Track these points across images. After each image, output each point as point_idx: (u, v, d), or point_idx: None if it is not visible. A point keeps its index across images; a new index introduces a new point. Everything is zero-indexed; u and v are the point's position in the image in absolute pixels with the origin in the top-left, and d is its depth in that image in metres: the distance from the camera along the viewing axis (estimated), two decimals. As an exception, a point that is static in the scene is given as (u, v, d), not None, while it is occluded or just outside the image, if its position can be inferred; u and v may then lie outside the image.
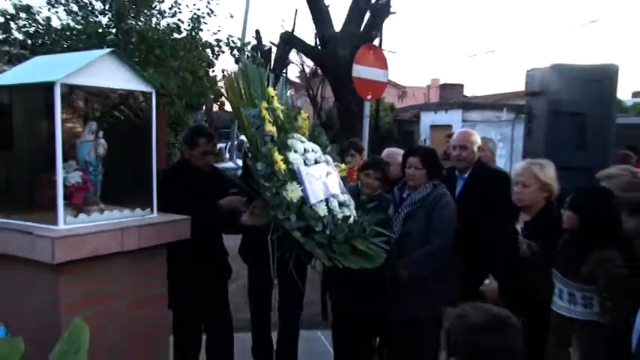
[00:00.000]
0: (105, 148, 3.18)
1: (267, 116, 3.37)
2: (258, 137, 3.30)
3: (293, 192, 3.18)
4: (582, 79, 4.14)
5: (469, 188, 4.35)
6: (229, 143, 23.18)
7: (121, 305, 3.12)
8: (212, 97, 10.20)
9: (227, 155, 22.52)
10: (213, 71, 9.60)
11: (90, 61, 3.02)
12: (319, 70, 20.32)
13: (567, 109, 4.11)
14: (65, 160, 2.97)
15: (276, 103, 3.57)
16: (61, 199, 2.89)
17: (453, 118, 23.48)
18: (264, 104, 3.41)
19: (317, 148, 3.67)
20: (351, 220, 3.47)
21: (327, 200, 3.40)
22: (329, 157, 3.78)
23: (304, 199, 3.23)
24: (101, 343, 2.80)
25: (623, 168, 3.75)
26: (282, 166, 3.21)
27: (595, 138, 4.17)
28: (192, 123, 11.79)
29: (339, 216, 3.39)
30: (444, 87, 35.02)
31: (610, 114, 4.32)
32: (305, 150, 3.50)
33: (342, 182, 3.74)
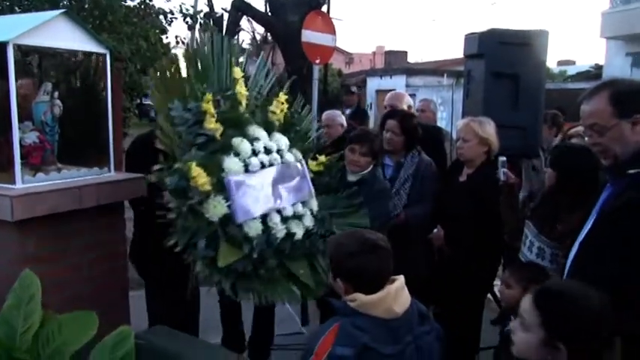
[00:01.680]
0: (60, 108, 3.09)
1: (211, 110, 2.79)
2: (182, 140, 2.72)
3: (216, 208, 2.61)
4: (516, 43, 4.21)
5: None
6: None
7: (82, 261, 3.06)
8: (166, 63, 9.93)
9: (182, 119, 22.01)
10: (166, 38, 9.37)
11: (43, 22, 2.89)
12: (269, 37, 20.04)
13: (503, 70, 4.18)
14: (21, 120, 2.87)
15: (240, 89, 3.04)
16: (18, 158, 2.79)
17: (397, 83, 23.63)
18: (209, 96, 2.81)
19: (282, 142, 3.14)
20: (299, 235, 2.95)
21: (266, 215, 2.84)
22: (297, 154, 3.24)
23: (232, 216, 2.68)
24: (62, 298, 2.75)
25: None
26: (202, 181, 2.58)
27: (528, 99, 4.26)
28: (148, 89, 11.48)
29: (280, 234, 2.85)
30: (389, 53, 35.14)
31: (541, 76, 4.42)
32: (254, 151, 2.92)
33: (309, 183, 3.23)
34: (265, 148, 3.01)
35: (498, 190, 3.52)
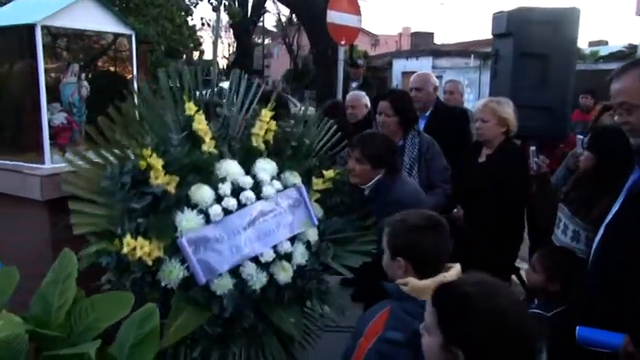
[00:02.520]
0: (87, 89, 3.13)
1: (155, 162, 2.28)
2: (118, 211, 2.31)
3: (172, 273, 2.25)
4: (546, 21, 4.11)
5: (431, 125, 4.36)
6: (209, 90, 22.78)
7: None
8: (191, 45, 10.02)
9: (207, 102, 22.14)
10: (192, 19, 9.40)
11: (70, 4, 2.92)
12: (295, 18, 19.95)
13: (532, 50, 4.10)
14: (50, 102, 2.92)
15: (199, 125, 2.48)
16: (47, 139, 2.85)
17: (423, 65, 23.35)
18: (147, 151, 2.29)
19: (265, 172, 2.65)
20: (285, 279, 2.54)
21: (238, 266, 2.44)
22: (291, 178, 2.76)
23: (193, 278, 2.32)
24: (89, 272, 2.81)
25: None
26: (146, 250, 2.19)
27: (557, 79, 4.17)
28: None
29: (258, 285, 2.44)
30: (415, 35, 34.74)
31: (572, 55, 4.32)
32: (219, 196, 2.44)
33: (309, 210, 2.76)
34: (236, 186, 2.51)
35: (518, 170, 3.48)
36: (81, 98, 3.11)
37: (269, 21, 37.60)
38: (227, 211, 2.41)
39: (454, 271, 1.98)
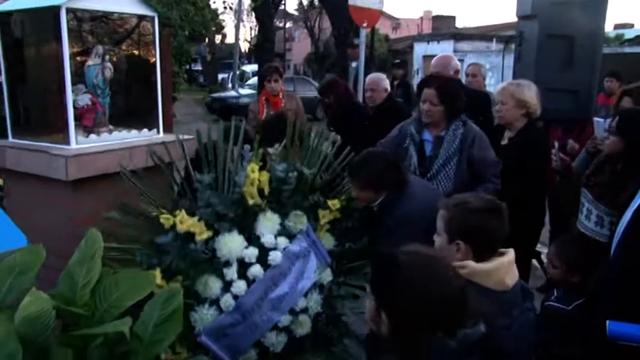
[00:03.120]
0: (111, 71, 3.13)
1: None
2: None
3: None
4: (572, 2, 3.99)
5: None
6: (231, 73, 22.83)
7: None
8: (214, 29, 9.99)
9: (229, 85, 22.22)
10: (214, 2, 9.36)
11: (93, -15, 2.91)
12: (316, 1, 19.79)
13: (557, 32, 3.99)
14: (74, 83, 2.93)
15: (184, 226, 2.29)
16: (72, 120, 2.86)
17: (444, 48, 23.04)
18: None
19: (267, 234, 2.48)
20: (302, 332, 2.53)
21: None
22: (295, 224, 2.58)
23: None
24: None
25: None
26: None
27: (582, 62, 4.06)
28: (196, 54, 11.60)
29: (280, 346, 2.47)
30: (437, 18, 34.31)
31: (598, 37, 4.20)
32: (227, 283, 2.36)
33: (321, 250, 2.65)
34: (242, 262, 2.41)
35: (541, 152, 3.40)
36: (105, 79, 3.11)
37: (291, 4, 37.42)
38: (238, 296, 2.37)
39: (509, 256, 1.95)
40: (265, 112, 4.95)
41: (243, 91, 18.87)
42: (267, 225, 2.49)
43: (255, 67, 21.98)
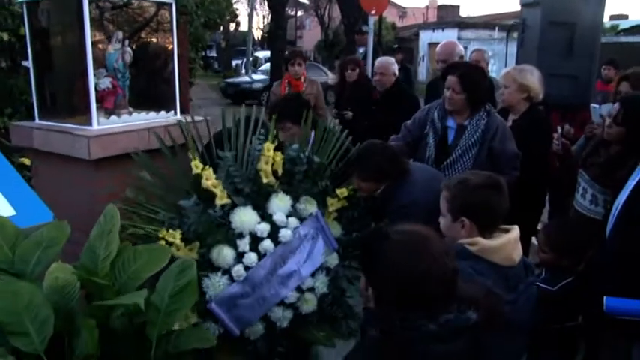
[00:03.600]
0: (131, 55, 3.11)
1: (174, 239, 2.25)
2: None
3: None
4: (573, -10, 3.93)
5: None
6: (244, 60, 22.75)
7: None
8: (228, 17, 9.92)
9: (243, 71, 22.16)
10: (229, -10, 9.26)
11: (113, -27, 2.89)
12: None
13: (559, 19, 3.93)
14: (96, 68, 2.93)
15: (209, 182, 2.35)
16: (94, 102, 2.86)
17: (449, 36, 22.81)
18: (163, 232, 2.26)
19: (279, 212, 2.47)
20: (308, 309, 2.52)
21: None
22: (306, 207, 2.56)
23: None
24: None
25: None
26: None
27: (582, 48, 4.01)
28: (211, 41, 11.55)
29: (286, 322, 2.47)
30: (442, 7, 33.91)
31: (598, 26, 4.14)
32: (239, 254, 2.37)
33: (328, 235, 2.60)
34: (254, 237, 2.41)
35: (543, 135, 3.38)
36: (125, 64, 3.10)
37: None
38: (249, 267, 2.38)
39: (515, 232, 1.93)
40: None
41: (256, 77, 18.83)
42: (280, 205, 2.49)
43: (267, 53, 21.87)
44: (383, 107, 4.84)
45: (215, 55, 32.21)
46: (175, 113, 3.30)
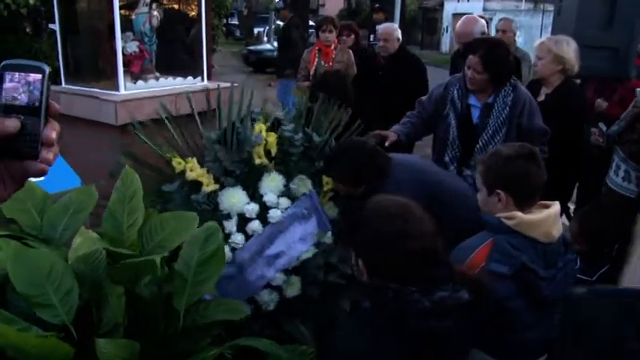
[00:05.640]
0: (158, 19, 3.03)
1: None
2: None
3: None
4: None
5: None
6: (267, 27, 22.47)
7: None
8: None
9: (265, 38, 21.91)
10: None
11: None
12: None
13: (600, -15, 3.72)
14: (123, 32, 2.84)
15: (194, 174, 2.24)
16: (121, 66, 2.79)
17: (474, 6, 22.20)
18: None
19: (274, 186, 2.34)
20: (291, 292, 2.32)
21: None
22: (302, 185, 2.41)
23: None
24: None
25: None
26: None
27: (624, 18, 3.78)
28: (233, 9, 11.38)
29: (271, 307, 2.30)
30: (467, -23, 32.95)
31: (641, -6, 3.91)
32: (227, 234, 2.22)
33: (322, 215, 2.44)
34: (242, 217, 2.27)
35: (579, 109, 3.24)
36: (152, 28, 3.02)
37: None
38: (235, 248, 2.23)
39: (555, 208, 1.84)
40: (316, 62, 4.82)
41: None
42: (271, 185, 2.34)
43: (290, 21, 21.55)
44: (389, 72, 4.69)
45: (237, 22, 31.87)
46: (202, 79, 3.22)
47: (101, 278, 1.63)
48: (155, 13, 3.02)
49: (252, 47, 19.24)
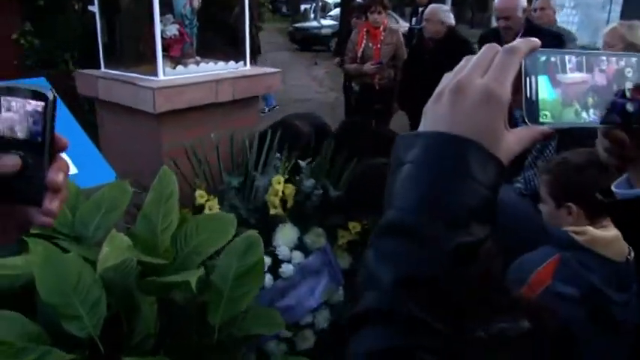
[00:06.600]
0: (200, 0, 2.86)
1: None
2: None
3: None
4: None
5: None
6: (314, 4, 22.13)
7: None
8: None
9: (312, 15, 21.59)
10: None
11: None
12: None
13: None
14: (163, 14, 2.70)
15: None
16: (160, 50, 2.64)
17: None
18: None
19: (288, 240, 2.32)
20: (305, 345, 2.32)
21: None
22: (315, 239, 2.38)
23: None
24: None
25: None
26: None
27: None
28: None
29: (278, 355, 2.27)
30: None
31: None
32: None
33: (335, 270, 2.40)
34: None
35: None
36: (193, 10, 2.86)
37: None
38: None
39: None
40: (364, 44, 4.59)
41: (325, 22, 18.25)
42: (285, 237, 2.31)
43: (337, -2, 21.15)
44: (435, 57, 4.34)
45: (283, -2, 31.62)
46: (245, 64, 3.05)
47: (132, 287, 1.52)
48: (197, -7, 2.86)
49: (298, 25, 19.01)
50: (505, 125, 0.56)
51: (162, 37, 2.67)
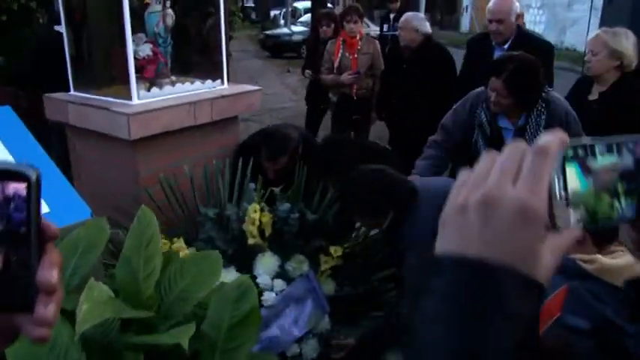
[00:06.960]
0: (173, 18, 2.74)
1: None
2: None
3: None
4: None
5: None
6: (283, 10, 22.03)
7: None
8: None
9: (282, 22, 21.49)
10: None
11: None
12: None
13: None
14: (135, 32, 2.56)
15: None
16: (133, 72, 2.49)
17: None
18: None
19: (268, 268, 2.26)
20: None
21: None
22: (298, 266, 2.31)
23: None
24: (176, 217, 2.54)
25: None
26: None
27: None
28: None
29: None
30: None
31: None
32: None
33: (320, 298, 2.29)
34: None
35: (637, 109, 2.91)
36: (166, 28, 2.73)
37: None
38: None
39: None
40: (341, 54, 4.50)
41: (296, 29, 18.16)
42: (266, 266, 2.25)
43: (307, 3, 21.07)
44: (413, 66, 4.27)
45: (252, 4, 31.42)
46: (222, 82, 2.93)
47: (115, 344, 1.39)
48: (169, 11, 2.73)
49: (269, 32, 18.88)
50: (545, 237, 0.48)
51: (134, 58, 2.53)
